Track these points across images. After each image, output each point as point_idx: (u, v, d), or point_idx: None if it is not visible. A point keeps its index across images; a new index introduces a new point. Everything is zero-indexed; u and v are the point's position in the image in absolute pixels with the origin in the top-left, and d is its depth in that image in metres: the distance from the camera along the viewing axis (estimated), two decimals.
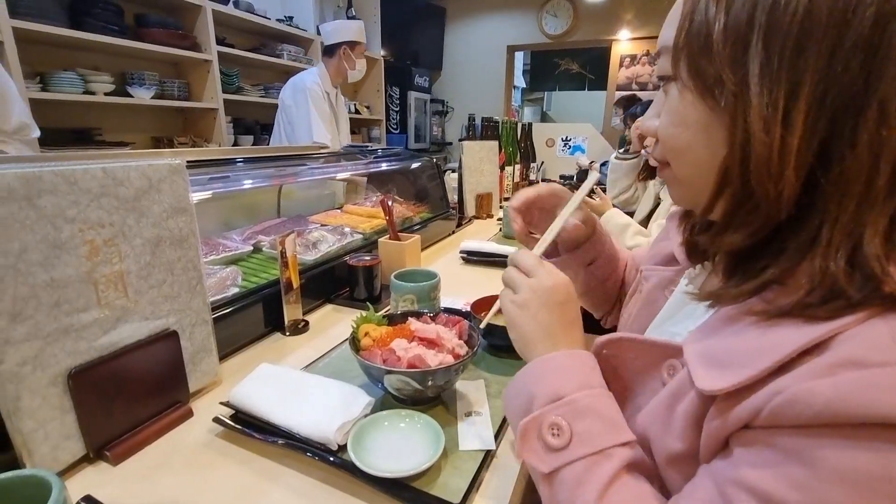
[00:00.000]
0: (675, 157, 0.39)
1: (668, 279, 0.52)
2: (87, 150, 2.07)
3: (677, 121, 0.37)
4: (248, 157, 1.03)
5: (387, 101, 4.17)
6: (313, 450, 0.51)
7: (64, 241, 0.47)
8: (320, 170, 1.22)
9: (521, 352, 0.47)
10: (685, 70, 0.35)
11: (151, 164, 0.55)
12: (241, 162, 1.00)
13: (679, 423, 0.36)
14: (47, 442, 0.48)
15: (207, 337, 0.65)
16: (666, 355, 0.40)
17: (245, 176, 1.02)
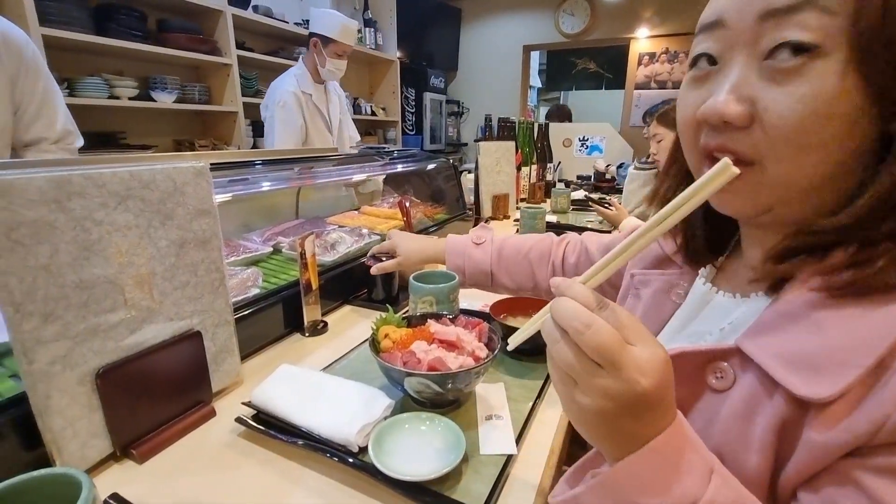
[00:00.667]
0: (794, 154, 0.32)
1: (671, 283, 0.50)
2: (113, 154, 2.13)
3: (821, 109, 0.30)
4: (266, 160, 1.04)
5: (402, 102, 4.19)
6: (334, 451, 0.51)
7: (92, 242, 0.48)
8: (337, 171, 1.23)
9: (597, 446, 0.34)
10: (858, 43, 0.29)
11: (177, 167, 0.56)
12: (259, 164, 1.01)
13: (761, 438, 0.33)
14: (76, 440, 0.49)
15: (230, 337, 0.65)
16: (708, 359, 0.37)
17: (264, 178, 1.03)
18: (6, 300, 0.42)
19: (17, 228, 0.42)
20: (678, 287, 0.49)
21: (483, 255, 0.82)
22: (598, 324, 0.29)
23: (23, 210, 0.42)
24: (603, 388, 0.29)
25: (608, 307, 0.31)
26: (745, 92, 0.33)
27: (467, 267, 0.82)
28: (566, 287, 0.32)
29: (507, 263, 0.81)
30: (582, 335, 0.29)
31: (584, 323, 0.29)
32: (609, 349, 0.29)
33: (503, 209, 1.93)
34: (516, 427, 0.57)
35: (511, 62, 4.71)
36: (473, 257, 0.82)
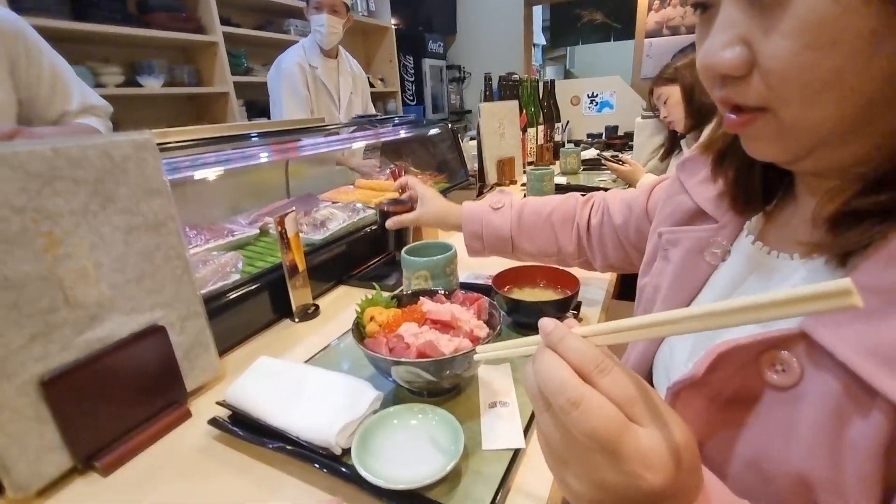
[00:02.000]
0: (803, 95, 0.27)
1: (705, 240, 0.42)
2: None
3: (820, 39, 0.25)
4: (246, 133, 0.96)
5: (401, 71, 4.02)
6: (315, 456, 0.44)
7: (14, 234, 0.41)
8: (326, 143, 1.14)
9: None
10: None
11: (112, 140, 0.48)
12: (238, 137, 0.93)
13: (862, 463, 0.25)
14: (24, 457, 0.43)
15: (202, 330, 0.59)
16: (762, 348, 0.30)
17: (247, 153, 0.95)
18: None
19: None
20: (714, 245, 0.41)
21: (502, 220, 0.73)
22: (590, 402, 0.23)
23: None
24: (598, 479, 0.24)
25: (611, 372, 0.24)
26: (734, 36, 0.28)
27: (485, 234, 0.74)
28: (557, 339, 0.25)
29: (527, 228, 0.73)
30: (569, 415, 0.23)
31: (570, 401, 0.23)
32: (604, 436, 0.22)
33: (509, 174, 1.83)
34: (525, 415, 0.50)
35: (512, 20, 4.45)
36: (492, 223, 0.73)
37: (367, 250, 1.03)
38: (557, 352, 0.25)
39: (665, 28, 3.71)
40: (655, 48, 3.74)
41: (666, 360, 0.43)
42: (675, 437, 0.23)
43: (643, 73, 3.79)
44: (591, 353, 0.24)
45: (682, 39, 3.59)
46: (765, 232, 0.39)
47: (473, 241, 0.75)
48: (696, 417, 0.33)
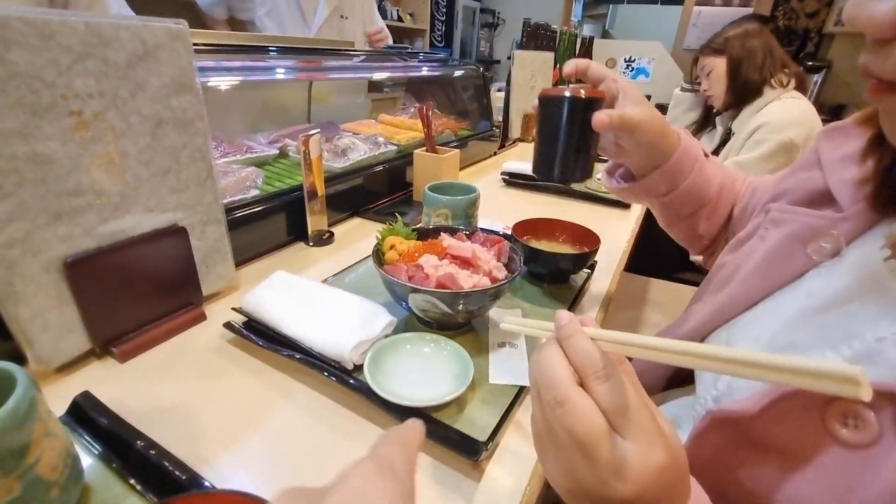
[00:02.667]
0: None
1: (817, 230, 0.35)
2: None
3: None
4: (270, 46, 0.92)
5: (432, 8, 3.82)
6: (328, 368, 0.45)
7: (44, 108, 0.40)
8: (352, 69, 1.10)
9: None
10: None
11: (146, 24, 0.46)
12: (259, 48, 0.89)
13: None
14: (47, 332, 0.44)
15: (221, 238, 0.59)
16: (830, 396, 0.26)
17: (271, 66, 0.91)
18: None
19: None
20: (825, 237, 0.34)
21: (714, 172, 0.55)
22: (575, 404, 0.23)
23: None
24: (572, 472, 0.24)
25: (608, 380, 0.24)
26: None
27: (692, 178, 0.53)
28: (566, 336, 0.26)
29: (725, 196, 0.57)
30: (553, 411, 0.24)
31: (557, 398, 0.24)
32: (581, 439, 0.23)
33: (533, 131, 1.77)
34: (532, 358, 0.51)
35: None
36: (704, 171, 0.53)
37: (385, 185, 1.02)
38: (563, 347, 0.26)
39: None
40: (704, 18, 3.53)
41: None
42: (655, 455, 0.23)
43: (686, 42, 3.60)
44: (593, 357, 0.24)
45: (733, 11, 3.38)
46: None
47: (667, 180, 0.52)
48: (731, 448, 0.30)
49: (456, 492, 0.37)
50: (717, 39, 1.45)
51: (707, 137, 1.66)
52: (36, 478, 0.28)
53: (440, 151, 0.98)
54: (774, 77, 1.37)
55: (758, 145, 1.31)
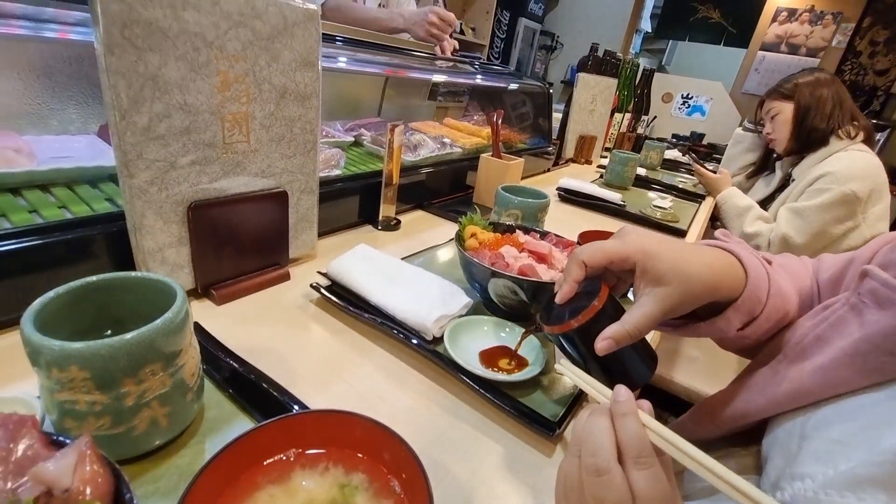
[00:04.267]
0: None
1: None
2: None
3: None
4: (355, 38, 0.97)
5: (494, 25, 3.90)
6: (410, 334, 0.48)
7: (201, 65, 0.45)
8: (428, 70, 1.15)
9: None
10: None
11: (290, 3, 0.51)
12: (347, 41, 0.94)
13: None
14: (164, 266, 0.49)
15: (311, 208, 0.63)
16: None
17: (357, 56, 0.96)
18: (113, 103, 0.40)
19: (130, 26, 0.39)
20: None
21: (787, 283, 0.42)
22: (613, 478, 0.25)
23: (139, 6, 0.39)
24: None
25: (648, 468, 0.25)
26: None
27: (769, 304, 0.39)
28: (620, 414, 0.27)
29: None
30: (590, 478, 0.25)
31: (598, 468, 0.25)
32: None
33: (587, 153, 1.79)
34: None
35: None
36: (780, 288, 0.40)
37: (447, 184, 1.05)
38: (614, 423, 0.27)
39: (784, 44, 3.45)
40: (767, 63, 3.49)
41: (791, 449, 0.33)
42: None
43: (745, 86, 3.56)
44: (640, 443, 0.25)
45: (798, 60, 3.34)
46: None
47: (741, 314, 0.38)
48: None
49: (528, 462, 0.39)
50: (786, 84, 1.43)
51: (764, 181, 1.64)
52: (181, 380, 0.32)
53: (506, 158, 1.01)
54: (842, 128, 1.35)
55: (819, 193, 1.29)
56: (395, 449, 0.28)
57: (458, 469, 0.37)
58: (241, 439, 0.27)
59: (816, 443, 0.31)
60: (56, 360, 0.26)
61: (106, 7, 0.38)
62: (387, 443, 0.29)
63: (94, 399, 0.28)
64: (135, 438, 0.30)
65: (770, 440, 0.36)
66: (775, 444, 0.35)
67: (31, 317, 0.28)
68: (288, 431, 0.29)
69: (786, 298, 0.40)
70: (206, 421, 0.36)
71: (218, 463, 0.26)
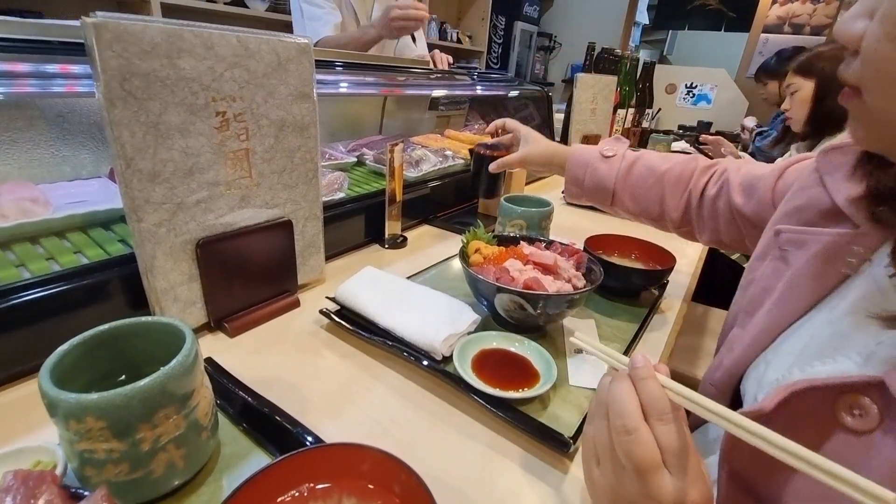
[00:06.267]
0: (880, 85, 0.27)
1: (839, 246, 0.37)
2: None
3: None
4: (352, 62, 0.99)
5: (490, 31, 3.92)
6: (419, 355, 0.49)
7: (199, 108, 0.46)
8: (426, 86, 1.16)
9: None
10: None
11: (281, 40, 0.52)
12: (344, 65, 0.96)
13: None
14: (177, 304, 0.50)
15: (317, 234, 0.65)
16: (838, 391, 0.30)
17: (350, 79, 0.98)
18: (119, 153, 0.42)
19: (130, 79, 0.41)
20: (850, 253, 0.36)
21: (609, 170, 0.70)
22: (641, 435, 0.28)
23: (136, 60, 0.41)
24: (622, 482, 0.28)
25: (670, 423, 0.28)
26: (865, 9, 0.27)
27: (587, 179, 0.71)
28: (640, 378, 0.30)
29: (634, 183, 0.68)
30: (619, 436, 0.28)
31: (627, 427, 0.28)
32: (639, 464, 0.27)
33: None
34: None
35: None
36: (597, 172, 0.70)
37: (453, 196, 1.06)
38: (636, 386, 0.29)
39: (788, 25, 3.38)
40: (771, 46, 3.43)
41: (760, 375, 0.41)
42: (692, 494, 0.27)
43: (751, 70, 3.50)
44: (661, 402, 0.28)
45: (803, 40, 3.27)
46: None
47: (573, 185, 0.72)
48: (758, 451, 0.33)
49: (544, 480, 0.39)
50: (813, 60, 1.33)
51: None
52: (195, 420, 0.33)
53: None
54: None
55: None
56: (405, 479, 0.29)
57: (472, 491, 0.37)
58: (253, 479, 0.28)
59: (777, 360, 0.39)
60: (72, 412, 0.27)
61: (106, 63, 0.39)
62: (396, 473, 0.29)
63: (112, 447, 0.28)
64: (153, 481, 0.31)
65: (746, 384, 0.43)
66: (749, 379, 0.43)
67: (48, 370, 0.29)
68: (299, 467, 0.30)
69: (602, 178, 0.70)
70: (223, 458, 0.37)
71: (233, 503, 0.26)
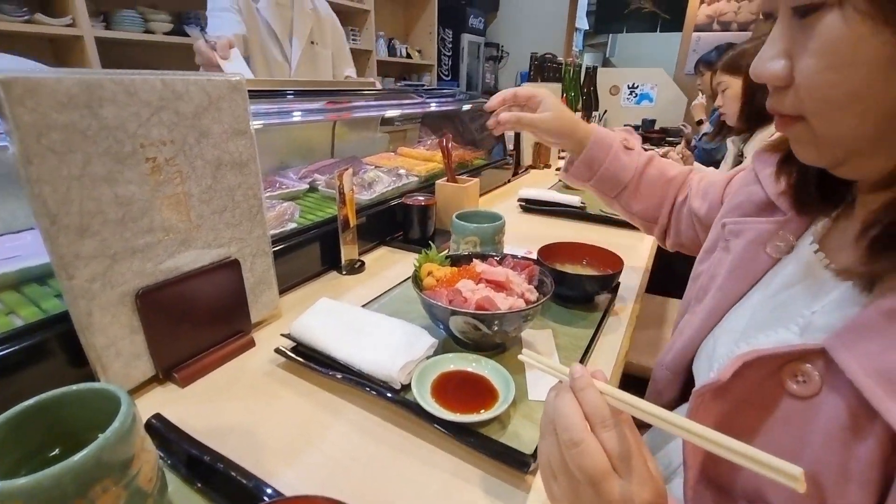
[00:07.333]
0: (825, 110, 0.30)
1: (770, 232, 0.43)
2: None
3: (839, 61, 0.28)
4: (298, 90, 0.99)
5: (439, 44, 3.98)
6: (376, 387, 0.48)
7: (126, 156, 0.45)
8: (375, 106, 1.16)
9: None
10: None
11: (211, 79, 0.51)
12: (291, 93, 0.95)
13: (861, 472, 0.28)
14: (119, 359, 0.48)
15: (268, 269, 0.63)
16: (784, 360, 0.32)
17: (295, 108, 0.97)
18: (41, 211, 0.40)
19: (47, 134, 0.39)
20: (778, 238, 0.42)
21: (629, 161, 0.68)
22: (588, 446, 0.28)
23: (53, 113, 0.39)
24: (577, 495, 0.29)
25: (611, 429, 0.29)
26: (780, 49, 0.31)
27: (606, 165, 0.68)
28: (579, 389, 0.31)
29: (646, 182, 0.69)
30: (568, 450, 0.29)
31: (573, 440, 0.29)
32: (589, 474, 0.28)
33: (544, 158, 1.84)
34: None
35: (557, 1, 4.36)
36: (619, 159, 0.68)
37: None
38: (577, 397, 0.30)
39: (716, 23, 3.60)
40: (703, 43, 3.64)
41: (710, 352, 0.45)
42: (644, 494, 0.28)
43: (687, 67, 3.70)
44: (602, 410, 0.30)
45: (732, 36, 3.49)
46: (828, 237, 0.39)
47: (585, 167, 0.69)
48: (718, 420, 0.35)
49: (507, 502, 0.39)
50: (739, 59, 1.41)
51: (724, 163, 1.69)
52: (137, 488, 0.31)
53: (460, 181, 1.03)
54: None
55: None
56: None
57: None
58: None
59: (723, 339, 0.43)
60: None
61: (19, 120, 0.38)
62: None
63: None
64: None
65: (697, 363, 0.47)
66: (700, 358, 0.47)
67: None
68: None
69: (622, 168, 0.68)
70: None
71: None
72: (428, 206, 0.93)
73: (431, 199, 0.95)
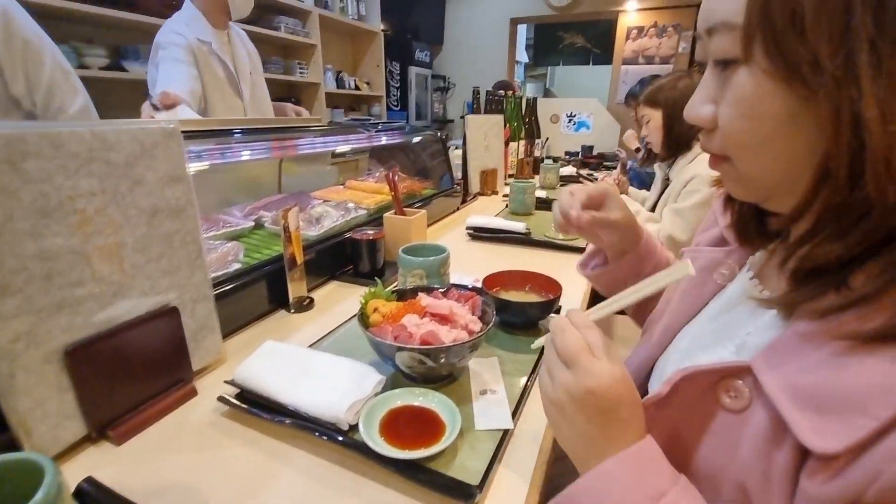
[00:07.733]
0: (743, 153, 0.33)
1: (717, 260, 0.46)
2: None
3: (749, 112, 0.31)
4: (244, 128, 0.99)
5: (387, 77, 4.07)
6: (324, 430, 0.48)
7: (52, 209, 0.44)
8: (321, 142, 1.18)
9: (568, 454, 0.39)
10: (763, 52, 0.29)
11: (144, 128, 0.51)
12: (238, 132, 0.95)
13: (782, 480, 0.30)
14: (46, 421, 0.45)
15: (210, 314, 0.62)
16: (719, 377, 0.35)
17: (241, 147, 0.97)
18: None
19: None
20: (723, 266, 0.46)
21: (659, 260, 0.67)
22: (570, 332, 0.38)
23: None
24: (562, 381, 0.37)
25: (592, 329, 0.39)
26: (707, 95, 0.35)
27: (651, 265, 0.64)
28: (571, 311, 0.41)
29: None
30: (555, 337, 0.39)
31: (559, 328, 0.39)
32: (570, 351, 0.37)
33: (491, 185, 1.90)
34: (512, 402, 0.55)
35: (498, 36, 4.60)
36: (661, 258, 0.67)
37: None
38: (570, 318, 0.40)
39: (641, 57, 3.92)
40: (631, 75, 3.94)
41: (661, 370, 0.48)
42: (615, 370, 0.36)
43: (618, 98, 3.98)
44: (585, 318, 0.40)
45: (656, 68, 3.81)
46: (765, 267, 0.41)
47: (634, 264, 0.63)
48: (664, 432, 0.38)
49: None
50: (656, 93, 1.53)
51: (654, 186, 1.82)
52: None
53: (408, 213, 1.05)
54: None
55: (691, 195, 1.42)
56: None
57: None
58: None
59: (673, 357, 0.47)
60: None
61: None
62: None
63: None
64: None
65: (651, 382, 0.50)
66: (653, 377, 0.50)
67: None
68: None
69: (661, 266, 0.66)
70: None
71: None
72: (376, 240, 0.95)
73: (380, 232, 0.97)
